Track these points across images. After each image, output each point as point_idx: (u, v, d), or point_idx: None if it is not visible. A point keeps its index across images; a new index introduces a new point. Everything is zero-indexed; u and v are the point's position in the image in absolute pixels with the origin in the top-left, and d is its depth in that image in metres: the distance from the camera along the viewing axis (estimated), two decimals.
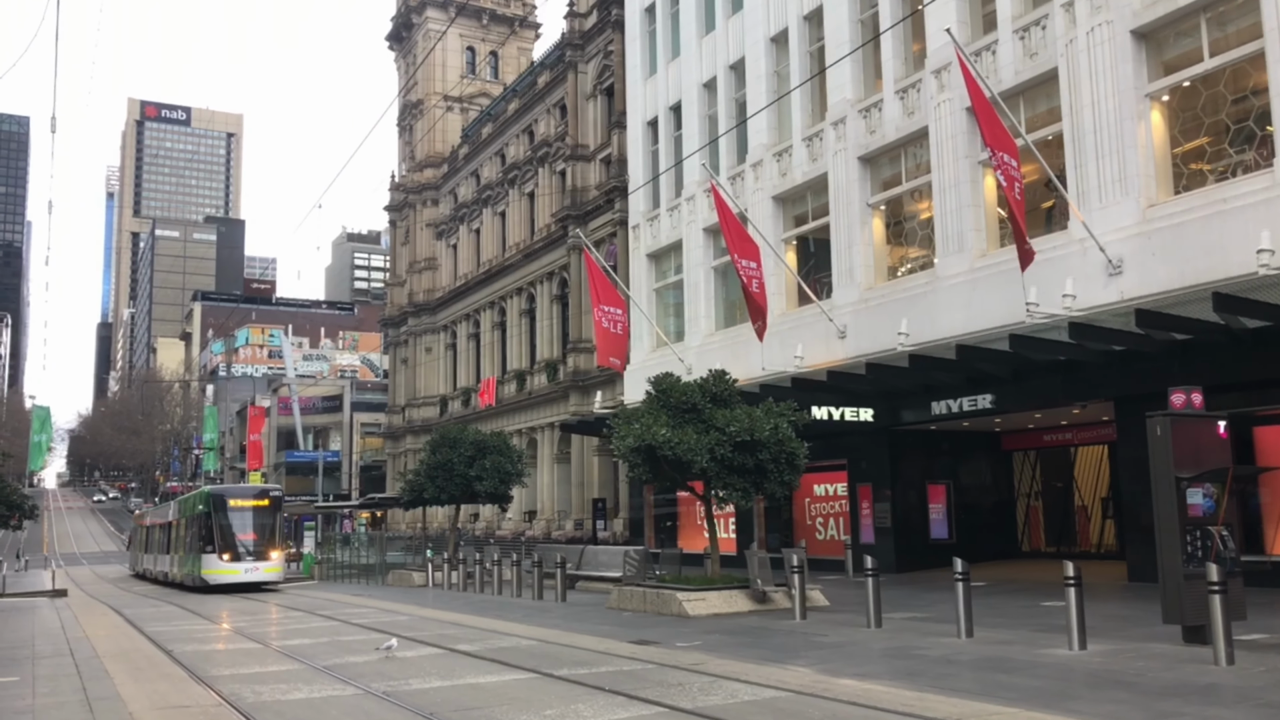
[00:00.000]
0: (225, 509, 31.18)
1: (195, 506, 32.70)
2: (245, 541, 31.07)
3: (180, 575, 34.35)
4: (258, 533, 31.38)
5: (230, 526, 30.94)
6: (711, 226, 32.29)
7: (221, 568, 30.37)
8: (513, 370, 50.55)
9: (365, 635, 15.73)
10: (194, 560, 31.77)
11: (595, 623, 16.63)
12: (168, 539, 38.43)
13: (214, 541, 30.62)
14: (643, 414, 18.01)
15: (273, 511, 32.26)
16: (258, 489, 34.30)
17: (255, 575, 30.85)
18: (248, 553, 30.98)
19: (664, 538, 34.68)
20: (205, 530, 30.88)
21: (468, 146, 58.35)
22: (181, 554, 34.65)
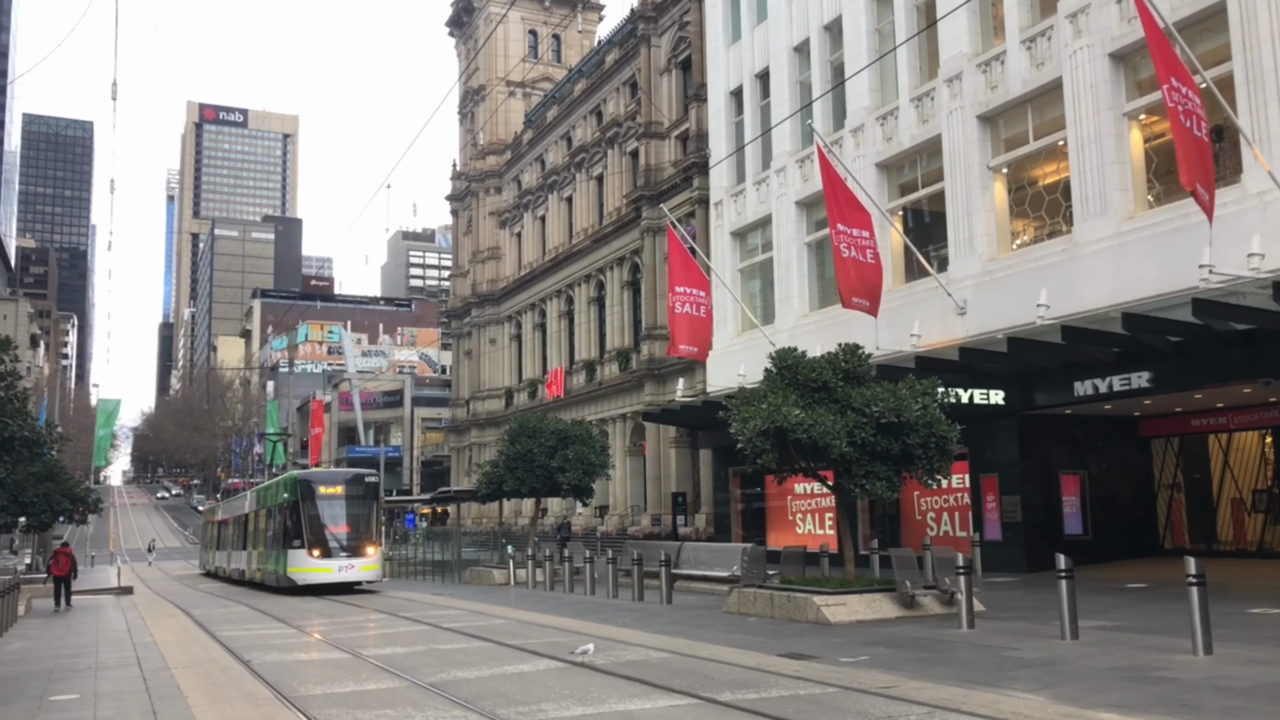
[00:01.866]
0: (315, 497, 26.85)
1: (279, 495, 28.73)
2: (338, 535, 26.72)
3: (260, 574, 30.94)
4: (352, 524, 26.98)
5: (321, 517, 26.66)
6: (805, 199, 30.10)
7: (311, 565, 26.13)
8: (581, 360, 48.71)
9: (464, 643, 13.85)
10: (277, 557, 28.08)
11: (721, 629, 14.57)
12: (243, 533, 35.05)
13: (302, 535, 26.42)
14: (765, 394, 15.90)
15: (369, 499, 27.90)
16: (351, 473, 29.05)
17: (350, 574, 26.53)
18: (341, 548, 26.55)
19: (751, 534, 32.54)
20: (292, 522, 26.86)
21: (531, 131, 56.63)
22: (261, 550, 31.17)
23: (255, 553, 32.17)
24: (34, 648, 15.81)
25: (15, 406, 11.69)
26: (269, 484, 32.37)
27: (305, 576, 26.28)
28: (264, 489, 32.56)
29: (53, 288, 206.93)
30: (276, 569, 28.03)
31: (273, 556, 28.80)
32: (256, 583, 31.64)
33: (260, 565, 30.89)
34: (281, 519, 27.88)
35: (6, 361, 11.70)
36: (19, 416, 11.73)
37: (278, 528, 28.33)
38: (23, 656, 14.54)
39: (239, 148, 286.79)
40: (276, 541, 28.35)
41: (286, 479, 28.87)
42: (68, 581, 25.62)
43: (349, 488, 27.59)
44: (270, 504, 30.00)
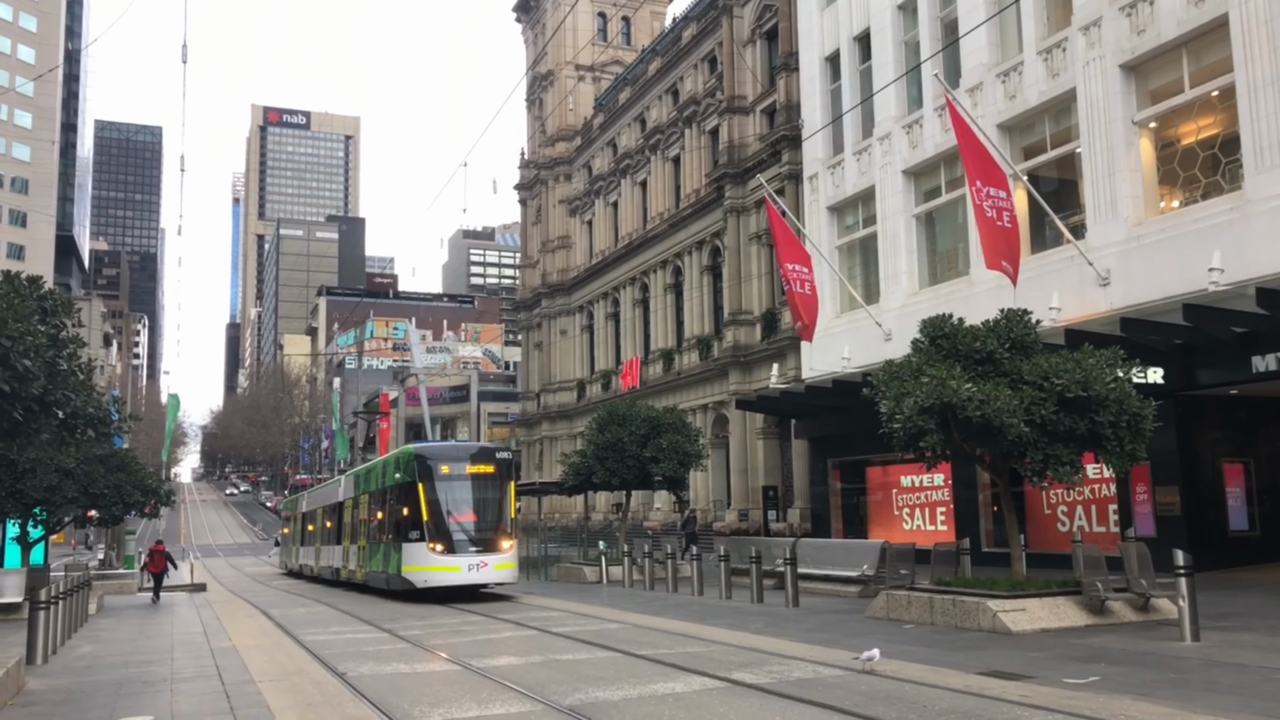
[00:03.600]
0: (436, 476, 21.52)
1: (388, 476, 23.88)
2: (466, 524, 21.45)
3: (362, 573, 26.07)
4: (484, 511, 21.80)
5: (445, 502, 21.47)
6: (914, 167, 27.79)
7: (433, 563, 20.89)
8: (658, 349, 46.79)
9: (587, 652, 11.98)
10: (388, 553, 23.01)
11: (881, 639, 12.49)
12: (337, 525, 30.60)
13: (421, 525, 21.20)
14: (919, 367, 13.78)
15: (503, 479, 22.46)
16: (479, 447, 23.79)
17: (481, 574, 21.19)
18: (470, 541, 21.27)
19: (852, 529, 30.34)
20: (407, 509, 21.69)
21: (603, 115, 54.84)
22: (363, 544, 26.34)
23: (355, 548, 27.57)
24: (103, 653, 14.32)
25: (78, 379, 10.07)
26: (372, 464, 27.40)
27: (426, 577, 21.05)
28: (366, 470, 27.78)
29: (124, 289, 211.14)
30: (386, 568, 23.08)
31: (380, 553, 23.93)
32: (356, 584, 27.32)
33: (363, 563, 26.11)
34: (393, 506, 22.95)
35: (67, 327, 10.08)
36: (82, 390, 10.09)
37: (388, 517, 23.42)
38: (91, 664, 13.02)
39: (302, 150, 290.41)
40: (386, 534, 23.42)
41: (399, 455, 23.41)
42: (160, 578, 27.98)
43: (478, 464, 22.12)
44: (375, 488, 25.35)
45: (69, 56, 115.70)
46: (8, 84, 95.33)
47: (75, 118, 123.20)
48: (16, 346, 8.68)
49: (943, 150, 26.70)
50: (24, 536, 22.10)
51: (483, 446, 24.05)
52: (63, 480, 20.41)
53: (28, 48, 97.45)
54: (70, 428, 10.11)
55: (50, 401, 9.63)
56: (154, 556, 28.06)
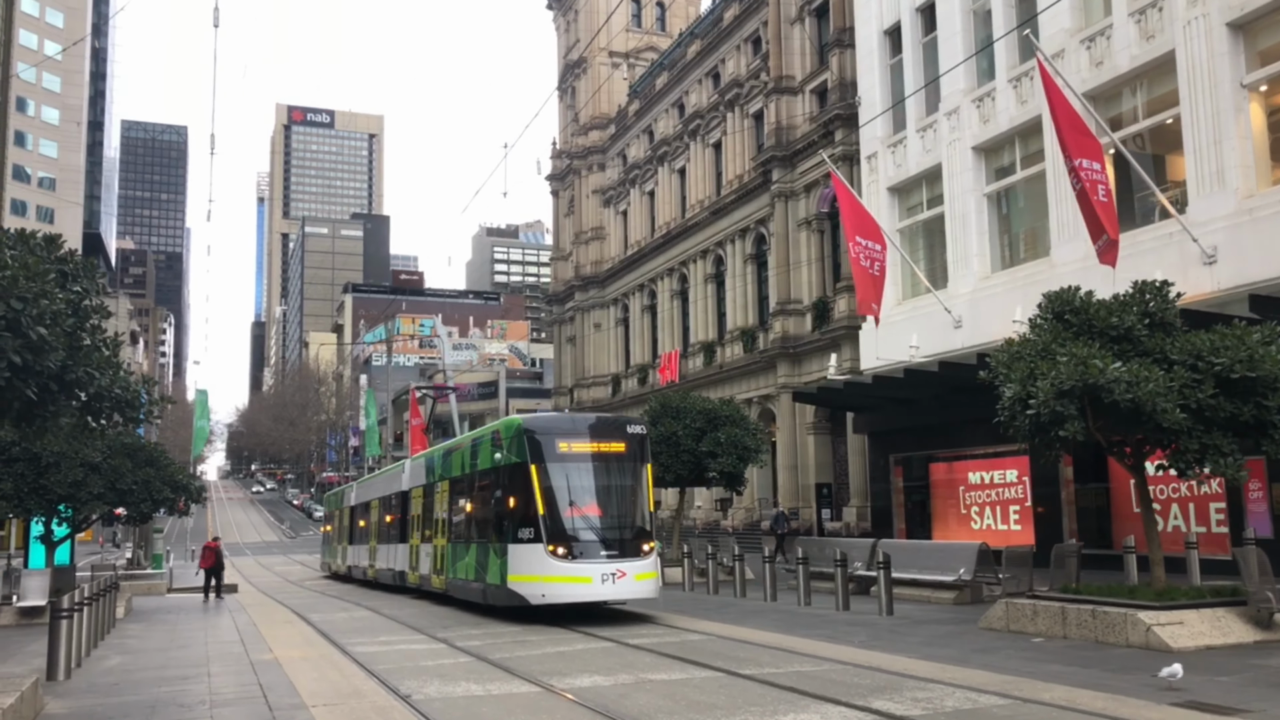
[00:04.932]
0: (554, 457, 16.42)
1: (486, 455, 18.23)
2: (594, 521, 16.29)
3: (440, 580, 20.88)
4: (616, 503, 16.69)
5: (566, 492, 16.29)
6: (985, 143, 26.07)
7: (553, 571, 15.62)
8: (698, 342, 45.19)
9: (681, 671, 10.45)
10: (484, 557, 17.69)
11: (1018, 656, 10.89)
12: (401, 520, 25.67)
13: (536, 521, 15.96)
14: (1044, 347, 12.13)
15: (637, 463, 17.10)
16: (601, 420, 18.34)
17: (620, 588, 15.80)
18: (602, 543, 16.02)
19: (915, 529, 28.65)
20: (516, 500, 16.48)
21: (638, 102, 53.29)
22: (442, 544, 21.04)
23: (429, 549, 22.12)
24: (133, 666, 12.91)
25: (103, 356, 8.61)
26: (454, 443, 21.96)
27: (544, 591, 15.71)
28: (445, 452, 22.34)
29: (150, 288, 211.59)
30: (482, 576, 17.72)
31: (471, 556, 18.60)
32: (430, 593, 22.30)
33: (442, 568, 20.71)
34: (491, 495, 17.86)
35: (91, 295, 8.62)
36: (108, 368, 8.64)
37: (483, 510, 18.41)
38: (119, 679, 11.60)
39: (326, 148, 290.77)
40: (481, 532, 18.26)
41: (501, 429, 17.83)
42: (214, 574, 27.14)
43: (606, 441, 16.97)
44: (462, 472, 20.05)
45: (95, 55, 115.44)
46: (35, 80, 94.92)
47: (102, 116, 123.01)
48: (29, 310, 7.23)
49: (1018, 124, 24.99)
50: (48, 535, 20.82)
51: (604, 418, 18.83)
52: (88, 475, 19.12)
53: (54, 44, 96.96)
54: (94, 411, 8.71)
55: (71, 380, 8.18)
56: (206, 553, 27.56)
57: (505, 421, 18.29)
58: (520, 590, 16.10)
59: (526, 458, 16.43)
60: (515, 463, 16.71)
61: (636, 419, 18.96)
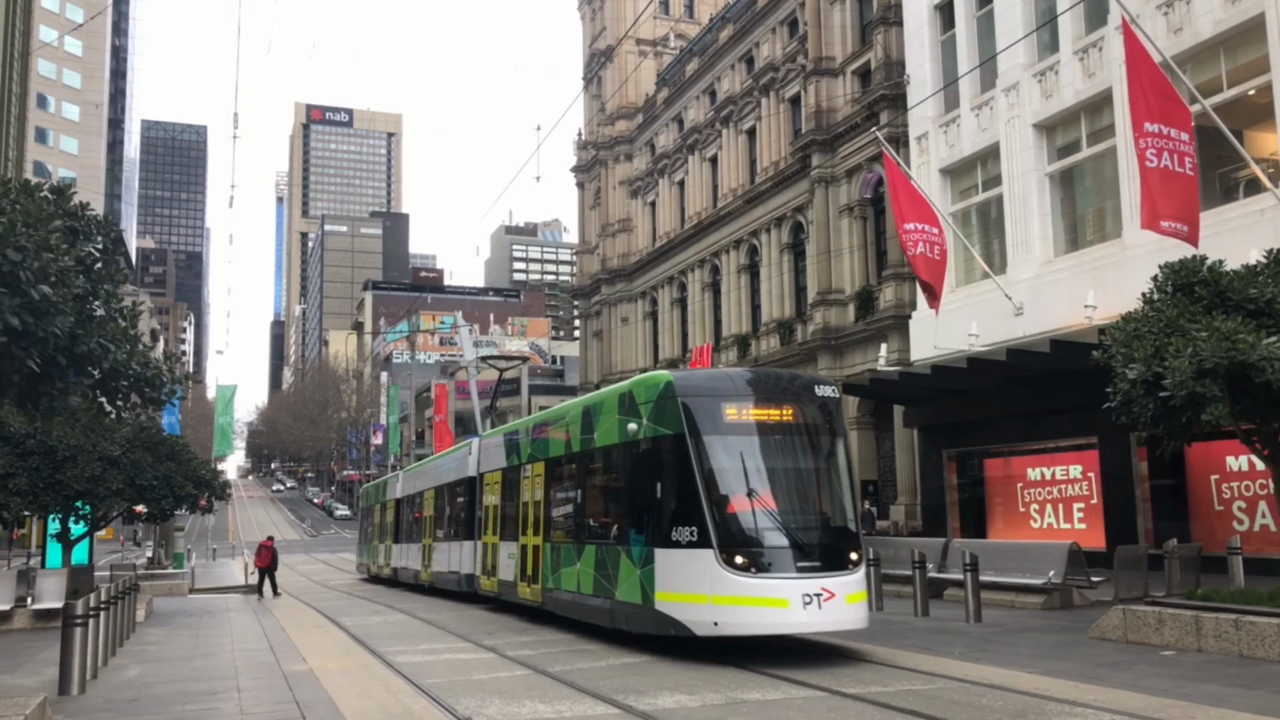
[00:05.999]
0: (718, 427, 12.06)
1: (613, 426, 13.56)
2: (781, 516, 11.74)
3: (531, 590, 16.24)
4: (811, 493, 12.36)
5: (743, 477, 11.87)
6: (1047, 120, 24.65)
7: (730, 588, 11.23)
8: (731, 335, 43.84)
9: (785, 689, 9.12)
10: (615, 563, 13.06)
11: (1160, 673, 9.56)
12: (468, 513, 21.43)
13: (700, 518, 11.60)
14: (1169, 322, 10.77)
15: (832, 436, 12.66)
16: (781, 378, 13.46)
17: (827, 614, 11.19)
18: (797, 549, 11.55)
19: (970, 528, 27.25)
20: (665, 487, 12.12)
21: (667, 90, 51.98)
22: (534, 541, 16.42)
23: (520, 550, 17.15)
24: (153, 677, 11.72)
25: (118, 326, 7.39)
26: (563, 411, 16.61)
27: (719, 616, 11.20)
28: (547, 423, 17.19)
29: (170, 287, 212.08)
30: (609, 590, 13.08)
31: (591, 562, 13.83)
32: (515, 605, 17.84)
33: (543, 576, 15.78)
34: (629, 481, 13.09)
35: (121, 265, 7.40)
36: (124, 341, 7.42)
37: (616, 500, 13.61)
38: (138, 694, 10.41)
39: (345, 148, 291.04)
40: (610, 530, 13.50)
41: (638, 388, 13.13)
42: (269, 572, 27.15)
43: (791, 406, 12.40)
44: (578, 447, 15.02)
45: (115, 53, 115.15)
46: (55, 77, 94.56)
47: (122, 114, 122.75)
48: (29, 263, 6.03)
49: (1085, 98, 23.57)
50: (65, 533, 19.74)
51: (781, 374, 13.82)
52: (107, 470, 18.03)
53: (74, 40, 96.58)
54: (109, 391, 7.54)
55: (82, 354, 7.00)
56: (261, 551, 27.90)
57: (644, 379, 13.21)
58: (677, 615, 11.42)
59: (681, 428, 11.84)
60: (663, 436, 12.12)
61: (819, 376, 13.88)
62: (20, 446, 17.66)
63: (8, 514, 18.17)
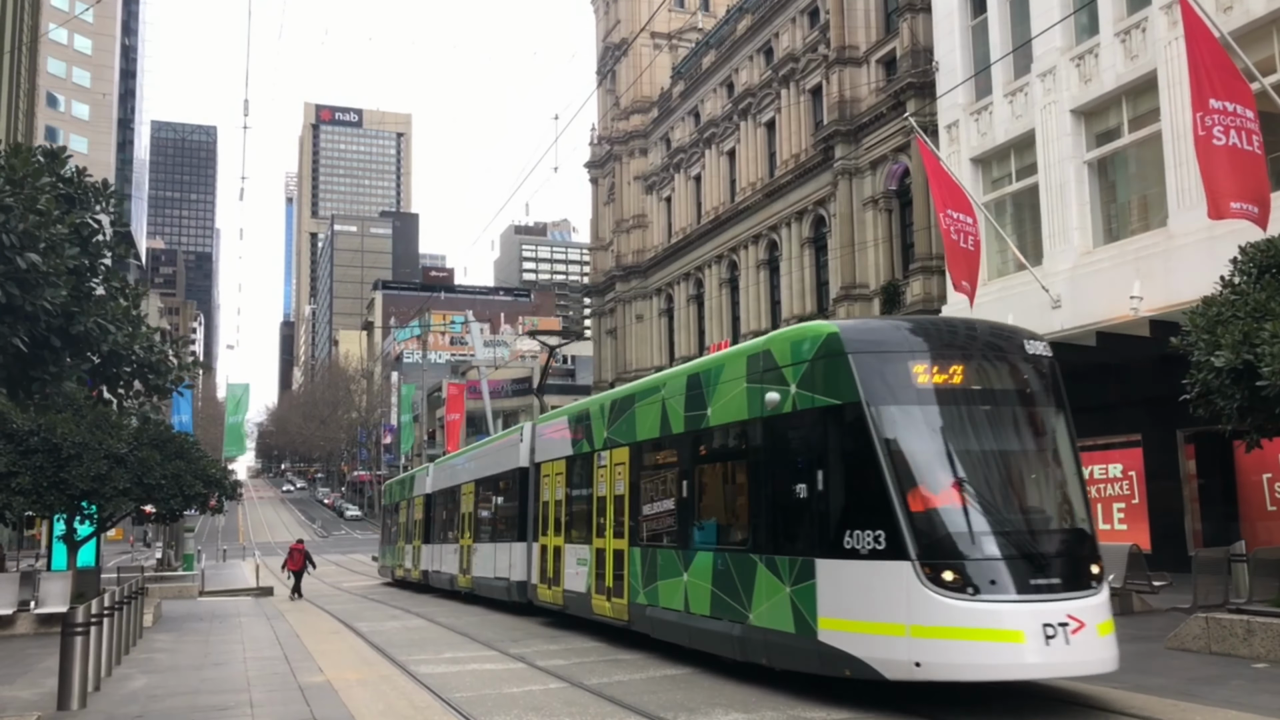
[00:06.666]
0: (902, 393, 9.06)
1: (746, 399, 10.60)
2: (1002, 516, 8.77)
3: (613, 606, 13.33)
4: (1029, 484, 9.35)
5: (938, 459, 8.94)
6: (1085, 105, 23.71)
7: (940, 615, 8.14)
8: (750, 332, 42.93)
9: None
10: (750, 576, 10.13)
11: (1269, 691, 8.64)
12: (520, 510, 18.64)
13: (888, 515, 8.56)
14: (1258, 306, 9.89)
15: (1050, 409, 9.58)
16: (978, 329, 9.96)
17: (1076, 654, 8.05)
18: (1028, 561, 8.42)
19: None
20: (835, 472, 9.15)
21: (683, 83, 51.16)
22: (616, 545, 13.59)
23: (592, 554, 14.39)
24: (161, 688, 10.94)
25: (119, 306, 6.58)
26: (657, 381, 13.52)
27: (923, 653, 8.22)
28: (631, 398, 14.01)
29: (180, 287, 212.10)
30: (742, 610, 10.21)
31: (709, 574, 11.00)
32: (574, 619, 15.37)
33: (631, 588, 12.86)
34: (771, 468, 10.08)
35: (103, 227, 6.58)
36: (125, 322, 6.61)
37: (749, 493, 10.60)
38: (143, 709, 9.63)
39: (355, 148, 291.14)
40: (741, 533, 10.69)
41: (787, 343, 10.07)
42: (300, 575, 28.07)
43: (998, 366, 9.55)
44: (683, 427, 12.08)
45: (125, 52, 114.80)
46: (65, 75, 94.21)
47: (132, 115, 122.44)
48: (13, 225, 5.22)
49: (1127, 82, 22.63)
50: (70, 534, 19.00)
51: (978, 324, 10.45)
52: (113, 468, 17.25)
53: (84, 38, 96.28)
54: (109, 378, 6.71)
55: (78, 334, 6.21)
56: (293, 554, 28.49)
57: (790, 333, 10.13)
58: (854, 650, 8.56)
59: (857, 395, 8.91)
60: (828, 407, 9.21)
61: (1027, 329, 10.34)
62: (23, 444, 16.90)
63: (10, 514, 17.41)
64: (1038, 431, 9.49)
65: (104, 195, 6.48)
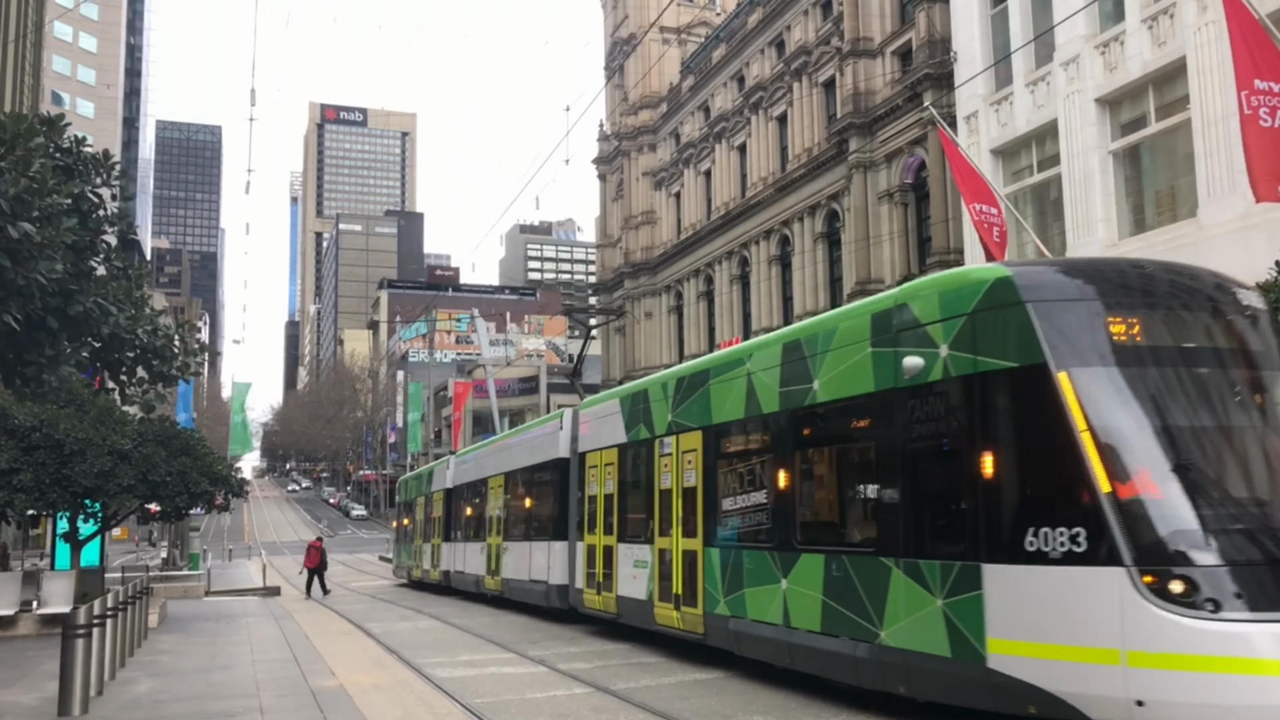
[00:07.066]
0: (1098, 353, 7.22)
1: (880, 365, 8.59)
2: (1254, 506, 7.03)
3: (688, 617, 11.53)
4: (1267, 465, 7.32)
5: (1153, 435, 7.04)
6: (1110, 94, 23.16)
7: (1166, 639, 6.30)
8: (762, 329, 42.39)
9: None
10: (882, 584, 8.24)
11: None
12: (559, 505, 16.97)
13: (1092, 506, 6.72)
14: None
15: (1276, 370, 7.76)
16: (1174, 270, 8.13)
17: None
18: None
19: None
20: (1009, 454, 7.40)
21: (692, 78, 50.65)
22: (686, 546, 11.86)
23: (654, 554, 12.69)
24: (166, 692, 10.47)
25: (120, 285, 6.10)
26: (764, 343, 11.08)
27: (1145, 689, 6.35)
28: (728, 361, 11.70)
29: (185, 287, 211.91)
30: (876, 627, 8.28)
31: (831, 584, 8.91)
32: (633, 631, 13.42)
33: (706, 594, 11.16)
34: (917, 449, 8.20)
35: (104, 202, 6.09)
36: (128, 303, 6.13)
37: (889, 480, 8.44)
38: (148, 715, 9.18)
39: (359, 147, 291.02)
40: (872, 533, 8.65)
41: (935, 291, 8.30)
42: (318, 573, 28.10)
43: (1217, 324, 7.66)
44: (776, 404, 10.24)
45: (130, 51, 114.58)
46: (70, 73, 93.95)
47: (137, 114, 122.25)
48: (3, 188, 4.71)
49: (1154, 70, 22.08)
50: (74, 533, 18.54)
51: (1173, 269, 8.26)
52: (117, 465, 16.78)
53: (89, 35, 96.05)
54: (111, 363, 6.25)
55: (76, 314, 5.73)
56: (311, 552, 28.79)
57: (936, 281, 8.50)
58: (1044, 682, 6.86)
59: (1041, 355, 7.25)
60: (997, 371, 7.53)
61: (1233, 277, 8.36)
62: (25, 440, 16.45)
63: (12, 512, 16.96)
64: (1266, 399, 7.47)
65: (104, 166, 6.03)
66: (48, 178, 5.31)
